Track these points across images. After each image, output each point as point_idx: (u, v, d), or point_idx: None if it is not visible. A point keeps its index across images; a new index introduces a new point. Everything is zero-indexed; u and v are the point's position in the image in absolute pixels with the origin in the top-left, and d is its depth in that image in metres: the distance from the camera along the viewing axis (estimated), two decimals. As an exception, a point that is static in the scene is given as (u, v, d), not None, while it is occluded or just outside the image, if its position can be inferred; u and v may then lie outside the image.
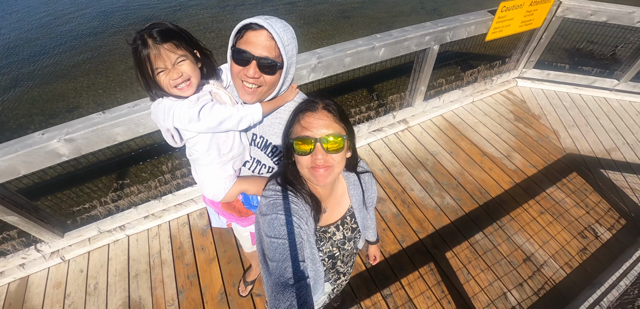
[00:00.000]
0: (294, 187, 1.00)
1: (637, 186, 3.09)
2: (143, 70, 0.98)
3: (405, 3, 8.14)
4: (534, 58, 4.21)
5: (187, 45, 1.02)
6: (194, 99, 1.06)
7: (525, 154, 3.37)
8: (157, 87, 1.01)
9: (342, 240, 1.15)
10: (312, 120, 0.90)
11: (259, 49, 0.97)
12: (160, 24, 0.98)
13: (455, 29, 3.27)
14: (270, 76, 1.02)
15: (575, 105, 4.08)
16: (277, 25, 0.98)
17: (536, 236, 2.63)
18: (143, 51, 0.95)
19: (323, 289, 1.18)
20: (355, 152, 1.06)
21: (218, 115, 1.04)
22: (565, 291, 2.30)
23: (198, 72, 1.07)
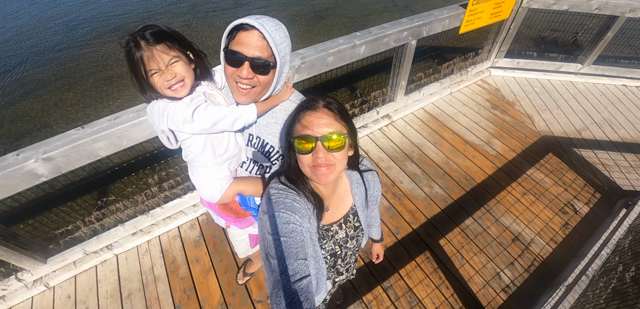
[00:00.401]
0: (297, 186, 1.00)
1: (607, 162, 3.30)
2: (137, 72, 0.98)
3: (378, 1, 8.28)
4: (505, 48, 4.40)
5: (179, 47, 1.02)
6: (187, 100, 1.05)
7: (504, 139, 3.52)
8: (151, 89, 1.01)
9: (344, 238, 1.15)
10: (313, 118, 0.90)
11: (252, 49, 0.96)
12: (152, 25, 0.98)
13: (431, 24, 3.36)
14: (264, 76, 1.02)
15: (545, 90, 4.30)
16: (269, 25, 0.97)
17: (521, 216, 2.75)
18: (136, 53, 0.95)
19: (325, 287, 1.18)
20: (357, 150, 1.06)
21: (212, 116, 1.04)
22: (553, 266, 2.42)
23: (192, 73, 1.07)
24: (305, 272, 0.83)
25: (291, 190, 0.99)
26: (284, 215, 0.91)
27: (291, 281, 0.80)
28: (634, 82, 4.48)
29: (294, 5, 7.88)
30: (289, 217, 0.91)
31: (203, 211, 2.59)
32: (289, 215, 0.91)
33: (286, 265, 0.83)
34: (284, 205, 0.94)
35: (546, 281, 2.33)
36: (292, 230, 0.89)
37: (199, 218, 2.59)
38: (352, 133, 0.98)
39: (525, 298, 2.24)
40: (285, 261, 0.83)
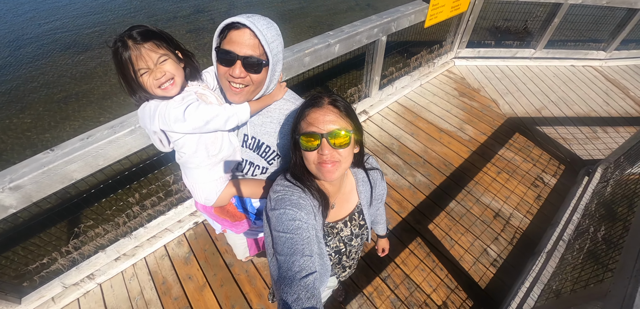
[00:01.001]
0: (302, 183, 1.00)
1: (566, 136, 3.61)
2: (125, 73, 0.96)
3: (341, 1, 8.41)
4: (465, 39, 4.66)
5: (167, 45, 1.01)
6: (179, 99, 1.03)
7: (475, 124, 3.73)
8: (141, 89, 0.99)
9: (349, 236, 1.16)
10: (318, 115, 0.90)
11: (244, 48, 0.96)
12: (139, 25, 0.96)
13: (398, 20, 3.48)
14: (257, 75, 1.01)
15: (505, 75, 4.60)
16: (260, 23, 0.97)
17: (499, 193, 2.93)
18: (124, 53, 0.93)
19: (327, 284, 1.18)
20: (362, 147, 1.06)
21: (204, 115, 1.02)
22: (532, 236, 2.60)
23: (181, 71, 1.05)
24: (311, 269, 0.83)
25: (297, 187, 0.99)
26: (290, 212, 0.91)
27: (297, 277, 0.80)
28: (580, 62, 4.93)
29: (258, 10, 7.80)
30: (295, 214, 0.91)
31: (190, 226, 2.49)
32: (295, 212, 0.91)
33: (292, 262, 0.83)
34: (290, 202, 0.93)
35: (528, 251, 2.49)
36: (299, 227, 0.89)
37: (185, 233, 2.48)
38: (358, 130, 0.98)
39: (511, 268, 2.38)
40: (292, 257, 0.83)
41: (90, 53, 5.99)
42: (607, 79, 4.65)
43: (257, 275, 2.26)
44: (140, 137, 2.02)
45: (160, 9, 7.60)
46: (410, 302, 2.17)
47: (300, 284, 0.79)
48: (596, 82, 4.57)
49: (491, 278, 2.32)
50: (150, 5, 7.72)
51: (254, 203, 1.38)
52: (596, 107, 4.11)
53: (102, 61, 5.71)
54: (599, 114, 3.99)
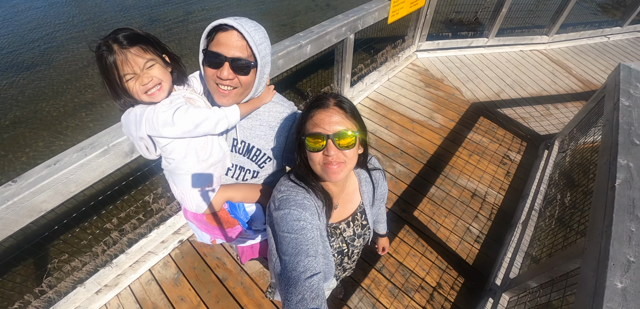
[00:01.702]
0: (307, 183, 1.00)
1: (524, 115, 3.92)
2: (110, 78, 0.92)
3: (299, 2, 8.44)
4: (425, 32, 4.89)
5: (155, 49, 0.98)
6: (167, 103, 1.00)
7: (443, 112, 3.92)
8: (126, 94, 0.96)
9: (352, 236, 1.17)
10: (324, 116, 0.91)
11: (232, 49, 0.95)
12: (124, 29, 0.93)
13: (364, 17, 3.57)
14: (245, 76, 1.00)
15: (464, 64, 4.89)
16: (248, 25, 0.97)
17: (473, 175, 3.11)
18: (109, 57, 0.89)
19: (330, 284, 1.20)
20: (366, 148, 1.08)
21: (194, 118, 1.00)
22: (507, 209, 2.80)
23: (169, 76, 1.02)
24: (316, 269, 0.84)
25: (301, 187, 0.99)
26: (294, 212, 0.91)
27: (302, 278, 0.80)
28: (527, 47, 5.37)
29: (213, 17, 7.58)
30: (300, 214, 0.91)
31: (174, 245, 2.36)
32: (299, 212, 0.91)
33: (297, 262, 0.83)
34: (295, 202, 0.94)
35: (505, 224, 2.68)
36: (303, 227, 0.89)
37: (171, 254, 2.35)
38: (363, 132, 0.99)
39: (493, 242, 2.55)
40: (296, 258, 0.84)
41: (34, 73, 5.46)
42: (552, 60, 5.11)
43: (253, 285, 2.21)
44: (115, 157, 1.89)
45: (108, 19, 7.13)
46: (407, 288, 2.24)
47: (305, 285, 0.79)
48: (543, 64, 5.01)
49: (477, 254, 2.46)
50: (97, 15, 7.23)
51: (247, 208, 1.36)
52: (546, 87, 4.50)
53: (50, 82, 5.23)
54: (549, 93, 4.38)
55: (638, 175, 1.81)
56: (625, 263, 1.40)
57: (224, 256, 2.32)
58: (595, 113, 2.87)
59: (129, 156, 1.98)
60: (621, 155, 1.93)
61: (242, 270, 2.26)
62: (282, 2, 8.33)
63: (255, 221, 1.42)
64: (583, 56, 5.32)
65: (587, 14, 7.84)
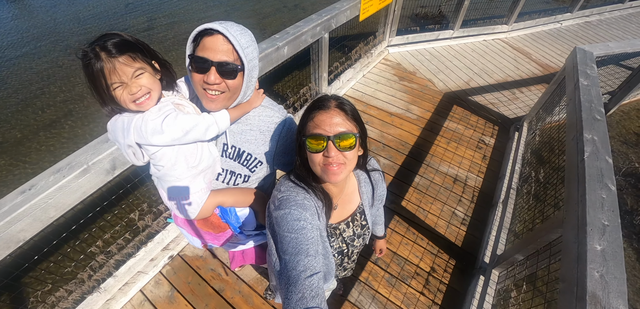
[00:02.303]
0: (307, 183, 1.01)
1: (493, 101, 4.14)
2: (97, 85, 0.90)
3: (267, 5, 8.38)
4: (394, 28, 5.03)
5: (144, 57, 0.95)
6: (155, 110, 0.99)
7: (419, 104, 4.06)
8: (113, 102, 0.94)
9: (351, 236, 1.18)
10: (325, 118, 0.91)
11: (218, 53, 0.94)
12: (113, 34, 0.90)
13: (337, 16, 3.63)
14: (232, 80, 0.99)
15: (433, 56, 5.08)
16: (234, 29, 0.96)
17: (453, 161, 3.25)
18: (95, 65, 0.87)
19: (328, 284, 1.19)
20: (366, 150, 1.08)
21: (183, 125, 0.99)
22: (487, 190, 2.95)
23: (158, 84, 1.00)
24: (315, 269, 0.84)
25: (301, 187, 1.00)
26: (295, 212, 0.92)
27: (302, 277, 0.81)
28: (490, 36, 5.67)
29: (179, 22, 7.37)
30: (300, 214, 0.92)
31: (165, 262, 2.27)
32: (299, 212, 0.92)
33: (297, 261, 0.84)
34: (295, 202, 0.94)
35: (487, 204, 2.82)
36: (303, 227, 0.90)
37: (162, 271, 2.25)
38: (363, 133, 0.99)
39: (478, 223, 2.68)
40: (296, 257, 0.84)
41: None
42: (513, 48, 5.44)
43: (252, 292, 2.17)
44: (96, 176, 1.80)
45: (65, 32, 6.70)
46: (403, 276, 2.30)
47: (305, 284, 0.80)
48: (505, 51, 5.32)
49: (464, 235, 2.58)
50: (52, 29, 6.75)
51: (239, 213, 1.35)
52: (510, 73, 4.79)
53: (3, 104, 4.84)
54: (513, 78, 4.66)
55: (602, 147, 1.97)
56: (601, 227, 1.52)
57: (219, 267, 2.27)
58: (557, 94, 3.09)
59: (110, 173, 1.89)
60: (586, 130, 2.09)
61: (239, 278, 2.22)
62: (249, 5, 8.23)
63: (246, 225, 1.41)
64: (540, 42, 5.71)
65: (541, 3, 8.41)
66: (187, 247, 2.34)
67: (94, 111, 4.64)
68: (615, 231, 1.51)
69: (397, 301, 2.17)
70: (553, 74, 4.83)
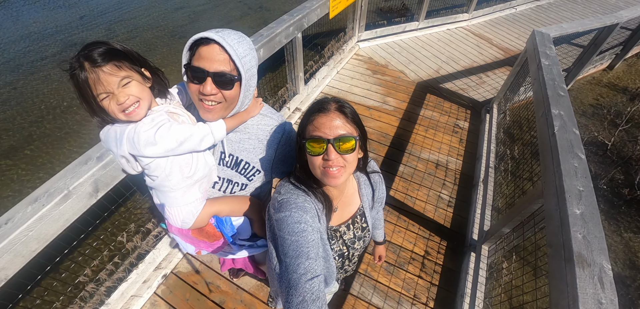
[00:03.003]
0: (307, 186, 1.01)
1: (463, 86, 4.35)
2: (84, 96, 0.88)
3: (232, 8, 8.23)
4: (363, 23, 5.13)
5: (131, 64, 0.93)
6: (148, 121, 0.96)
7: (394, 95, 4.18)
8: (103, 112, 0.92)
9: (352, 238, 1.17)
10: (325, 120, 0.91)
11: (214, 63, 0.92)
12: (98, 43, 0.87)
13: (308, 15, 3.65)
14: (228, 91, 0.97)
15: (402, 48, 5.24)
16: (230, 38, 0.94)
17: (432, 147, 3.38)
18: (81, 75, 0.85)
19: (331, 287, 1.23)
20: (366, 152, 1.07)
21: (177, 136, 0.97)
22: (467, 171, 3.11)
23: (147, 91, 0.98)
24: (316, 272, 0.84)
25: (301, 190, 1.00)
26: (295, 215, 0.91)
27: (303, 280, 0.81)
28: (453, 25, 5.94)
29: (145, 30, 7.05)
30: (301, 217, 0.91)
31: (159, 282, 2.18)
32: (300, 215, 0.92)
33: (298, 264, 0.84)
34: (296, 205, 0.94)
35: (469, 185, 2.98)
36: (304, 230, 0.90)
37: (157, 291, 2.16)
38: (363, 136, 0.99)
39: (463, 203, 2.82)
40: (297, 260, 0.84)
41: None
42: (475, 35, 5.74)
43: (254, 300, 2.15)
44: (78, 201, 1.70)
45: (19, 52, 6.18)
46: (400, 262, 2.38)
47: (306, 287, 0.80)
48: (468, 38, 5.60)
49: (452, 217, 2.71)
50: None
51: (234, 222, 1.34)
52: (474, 58, 5.05)
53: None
54: (478, 63, 4.92)
55: (569, 120, 2.14)
56: (577, 193, 1.66)
57: (216, 279, 2.22)
58: (521, 75, 3.31)
59: (93, 196, 1.80)
60: (553, 106, 2.26)
61: (239, 288, 2.18)
62: (212, 12, 8.03)
63: (241, 233, 1.40)
64: (499, 27, 6.07)
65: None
66: (180, 263, 2.27)
67: (58, 133, 4.34)
68: (590, 195, 1.65)
69: (398, 287, 2.24)
70: (513, 57, 5.16)
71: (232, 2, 8.49)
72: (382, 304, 2.15)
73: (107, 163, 1.75)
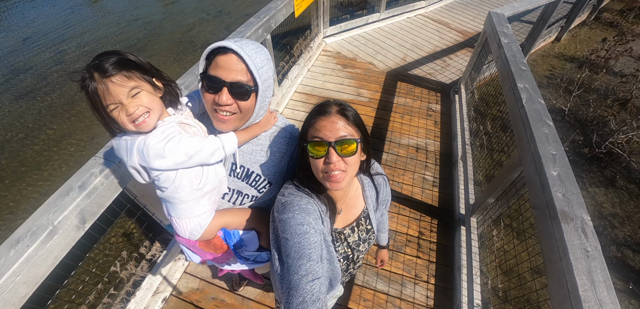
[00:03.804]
0: (310, 188, 1.01)
1: (429, 71, 4.56)
2: (95, 106, 0.88)
3: (190, 15, 7.95)
4: (327, 19, 5.19)
5: (141, 74, 0.92)
6: (159, 133, 0.96)
7: (366, 86, 4.28)
8: (114, 123, 0.91)
9: (357, 241, 1.16)
10: (326, 123, 0.91)
11: (231, 73, 0.90)
12: (108, 53, 0.87)
13: (274, 16, 3.64)
14: (244, 102, 0.96)
15: (368, 40, 5.37)
16: (248, 48, 0.92)
17: (410, 132, 3.53)
18: (90, 86, 0.85)
19: (336, 291, 1.20)
20: (369, 155, 1.06)
21: (187, 149, 0.97)
22: (446, 151, 3.29)
23: (158, 102, 0.97)
24: (318, 273, 0.84)
25: (304, 192, 1.00)
26: (298, 217, 0.92)
27: (303, 282, 0.81)
28: (412, 13, 6.18)
29: (100, 48, 6.61)
30: (303, 219, 0.91)
31: (159, 306, 2.08)
32: (303, 216, 0.92)
33: (299, 266, 0.84)
34: (299, 206, 0.94)
35: (449, 163, 3.15)
36: (306, 231, 0.89)
37: (158, 313, 2.09)
38: (365, 139, 0.99)
39: (446, 182, 2.98)
40: (298, 261, 0.84)
41: None
42: (433, 21, 6.02)
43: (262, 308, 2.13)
44: (66, 235, 1.60)
45: None
46: (398, 246, 2.47)
47: (306, 288, 0.80)
48: (428, 25, 5.86)
49: (438, 196, 2.86)
50: None
51: (242, 235, 1.34)
52: (436, 43, 5.30)
53: None
54: (440, 48, 5.17)
55: (534, 92, 2.32)
56: (551, 156, 1.81)
57: (220, 293, 2.17)
58: (482, 55, 3.53)
59: (81, 228, 1.69)
60: (518, 80, 2.44)
61: (245, 298, 2.16)
62: (169, 21, 7.70)
63: (248, 246, 1.39)
64: (455, 11, 6.40)
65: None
66: (179, 283, 2.20)
67: (21, 169, 3.96)
68: (563, 157, 1.81)
69: (399, 270, 2.33)
70: (472, 38, 5.48)
71: (188, 9, 8.22)
72: (387, 288, 2.23)
73: (90, 191, 1.66)
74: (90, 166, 1.68)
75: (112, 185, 1.71)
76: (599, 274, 1.31)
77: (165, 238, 2.21)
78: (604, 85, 5.13)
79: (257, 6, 8.48)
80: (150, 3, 8.55)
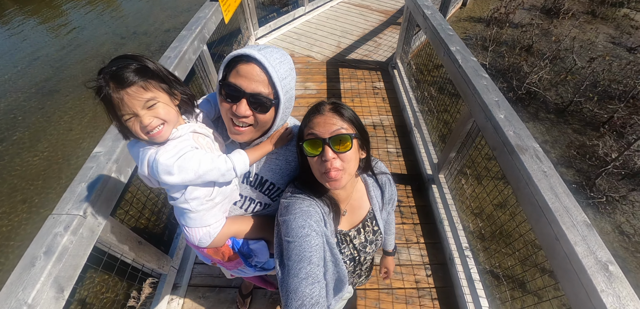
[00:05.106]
0: (311, 189, 1.01)
1: (364, 53, 4.83)
2: (111, 112, 0.86)
3: (103, 43, 7.08)
4: (255, 20, 5.13)
5: (157, 84, 0.87)
6: (171, 147, 0.93)
7: (311, 79, 4.38)
8: (128, 131, 0.89)
9: (363, 243, 1.15)
10: (320, 120, 0.91)
11: (252, 83, 0.87)
12: (125, 59, 0.83)
13: (206, 25, 3.52)
14: (263, 114, 0.93)
15: (300, 35, 5.45)
16: (273, 57, 0.88)
17: (364, 113, 3.75)
18: (105, 93, 0.81)
19: (344, 293, 1.22)
20: (369, 152, 1.05)
21: (197, 169, 0.94)
22: (399, 122, 3.55)
23: (174, 113, 0.93)
24: (318, 277, 0.84)
25: (306, 194, 1.00)
26: (299, 219, 0.91)
27: (303, 284, 0.81)
28: (334, 2, 6.41)
29: None
30: (304, 221, 0.91)
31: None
32: (304, 219, 0.91)
33: (299, 268, 0.84)
34: (300, 209, 0.94)
35: (407, 132, 3.43)
36: (307, 234, 0.89)
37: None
38: (362, 135, 0.98)
39: (408, 149, 3.24)
40: (299, 264, 0.84)
41: None
42: (356, 5, 6.34)
43: (270, 319, 2.11)
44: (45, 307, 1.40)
45: None
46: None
47: (305, 291, 0.80)
48: (352, 10, 6.15)
49: (405, 163, 3.10)
50: None
51: (251, 244, 1.34)
52: (363, 26, 5.61)
53: None
54: (368, 29, 5.49)
55: (465, 52, 2.61)
56: (495, 103, 2.07)
57: (225, 305, 2.09)
58: (410, 29, 3.86)
59: (60, 298, 1.49)
60: (450, 44, 2.71)
61: None
62: (77, 51, 6.76)
63: (257, 255, 1.39)
64: (371, -6, 6.81)
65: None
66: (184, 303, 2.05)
67: None
68: (503, 101, 2.08)
69: (390, 239, 2.49)
70: (393, 16, 5.91)
71: (99, 36, 7.33)
72: (383, 260, 2.37)
73: (60, 253, 1.44)
74: (50, 227, 1.47)
75: (83, 240, 1.53)
76: (558, 187, 1.57)
77: (152, 283, 2.04)
78: (511, 38, 6.00)
79: (173, 20, 7.98)
80: (41, 36, 7.41)
